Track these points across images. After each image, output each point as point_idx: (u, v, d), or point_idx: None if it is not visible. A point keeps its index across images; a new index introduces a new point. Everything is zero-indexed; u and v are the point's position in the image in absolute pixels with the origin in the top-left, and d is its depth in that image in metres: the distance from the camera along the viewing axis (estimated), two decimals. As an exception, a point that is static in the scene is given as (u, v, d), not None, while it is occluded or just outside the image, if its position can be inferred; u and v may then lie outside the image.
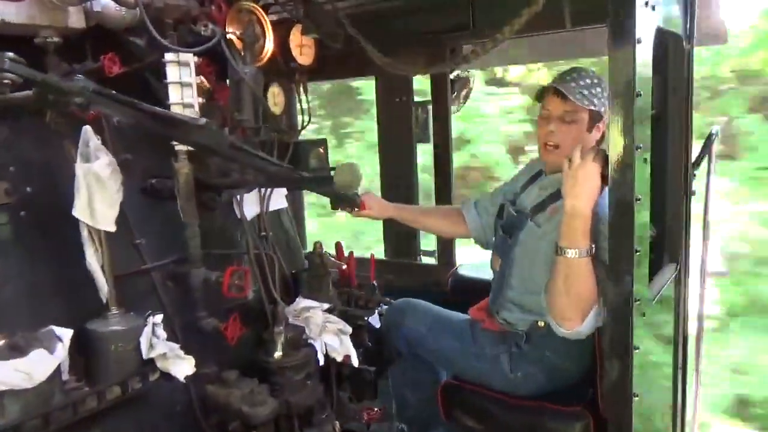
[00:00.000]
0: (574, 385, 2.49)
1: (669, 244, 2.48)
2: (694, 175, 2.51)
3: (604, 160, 2.03)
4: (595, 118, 2.34)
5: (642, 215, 1.85)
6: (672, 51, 2.32)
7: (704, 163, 2.51)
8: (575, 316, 2.14)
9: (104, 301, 1.87)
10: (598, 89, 2.32)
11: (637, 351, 1.87)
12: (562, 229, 2.13)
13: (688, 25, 2.33)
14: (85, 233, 1.83)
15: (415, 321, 2.73)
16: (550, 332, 2.32)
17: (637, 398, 1.89)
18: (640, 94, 1.74)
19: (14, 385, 1.54)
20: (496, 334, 2.56)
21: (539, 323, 2.40)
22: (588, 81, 2.32)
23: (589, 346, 2.37)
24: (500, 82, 7.63)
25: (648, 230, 1.96)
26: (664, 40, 2.18)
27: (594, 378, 2.40)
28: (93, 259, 1.85)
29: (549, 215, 2.40)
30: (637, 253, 1.82)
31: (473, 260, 3.44)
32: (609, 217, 1.84)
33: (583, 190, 2.06)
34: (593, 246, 2.09)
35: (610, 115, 1.77)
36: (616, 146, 1.76)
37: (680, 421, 2.66)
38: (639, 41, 1.71)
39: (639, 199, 1.79)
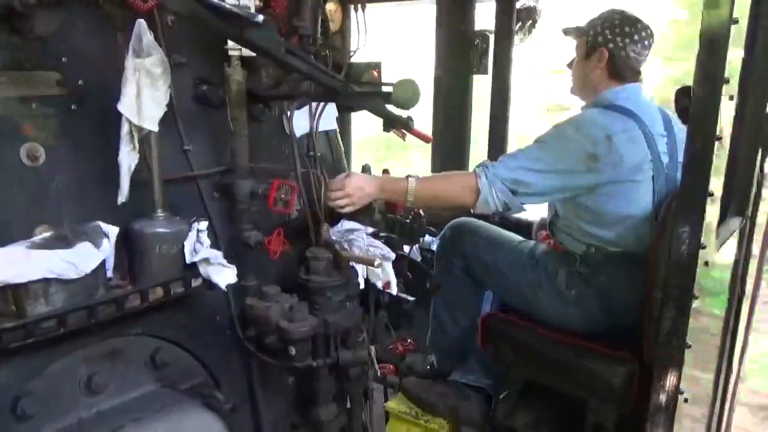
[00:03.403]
0: (621, 328, 2.41)
1: (737, 197, 2.33)
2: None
3: None
4: (591, 44, 2.48)
5: (721, 156, 1.71)
6: None
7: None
8: (468, 200, 2.41)
9: (119, 203, 1.78)
10: (597, 20, 2.47)
11: (696, 300, 1.77)
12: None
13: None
14: (125, 130, 1.75)
15: (474, 235, 2.73)
16: (604, 258, 2.40)
17: (689, 349, 1.81)
18: (737, 21, 1.58)
19: (59, 273, 1.54)
20: (557, 253, 2.58)
21: (591, 249, 2.43)
22: (593, 18, 2.49)
23: (640, 278, 2.27)
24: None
25: (724, 174, 1.82)
26: None
27: (642, 324, 2.30)
28: (126, 158, 1.77)
29: None
30: (711, 197, 1.70)
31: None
32: (684, 157, 1.73)
33: (357, 195, 2.40)
34: (409, 177, 2.44)
35: (699, 44, 1.62)
36: (701, 76, 1.62)
37: (723, 383, 2.57)
38: None
39: (720, 138, 1.66)
